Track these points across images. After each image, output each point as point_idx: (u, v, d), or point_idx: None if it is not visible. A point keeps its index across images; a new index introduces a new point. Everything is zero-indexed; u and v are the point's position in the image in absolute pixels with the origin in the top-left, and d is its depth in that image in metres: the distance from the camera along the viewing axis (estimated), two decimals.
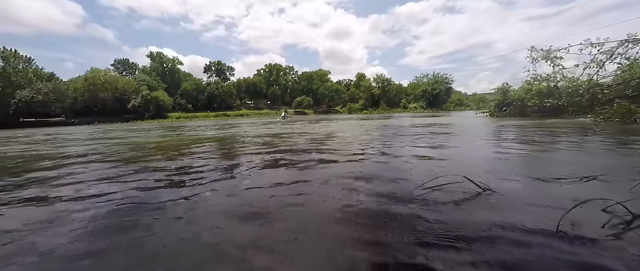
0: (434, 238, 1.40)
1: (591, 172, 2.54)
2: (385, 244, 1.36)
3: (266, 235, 1.50)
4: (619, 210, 1.61)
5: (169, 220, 1.76)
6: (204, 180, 2.81)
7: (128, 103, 41.21)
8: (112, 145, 6.77)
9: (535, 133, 6.30)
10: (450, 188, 2.20)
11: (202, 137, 8.28)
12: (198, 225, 1.67)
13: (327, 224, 1.62)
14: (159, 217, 1.81)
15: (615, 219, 1.53)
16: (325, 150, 4.71)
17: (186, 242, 1.45)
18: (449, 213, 1.72)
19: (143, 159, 4.33)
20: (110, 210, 1.99)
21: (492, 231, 1.45)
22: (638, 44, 10.91)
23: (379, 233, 1.47)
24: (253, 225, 1.64)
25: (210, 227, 1.63)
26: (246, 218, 1.74)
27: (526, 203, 1.84)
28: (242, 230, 1.58)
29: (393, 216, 1.69)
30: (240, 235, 1.51)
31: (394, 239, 1.41)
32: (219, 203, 2.09)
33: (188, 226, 1.65)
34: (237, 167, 3.52)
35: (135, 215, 1.86)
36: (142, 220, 1.76)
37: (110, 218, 1.84)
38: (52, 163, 4.38)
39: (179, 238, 1.50)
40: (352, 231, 1.51)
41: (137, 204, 2.11)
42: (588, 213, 1.62)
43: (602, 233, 1.39)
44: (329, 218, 1.70)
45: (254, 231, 1.54)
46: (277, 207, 1.93)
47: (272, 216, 1.76)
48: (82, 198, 2.33)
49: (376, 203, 1.94)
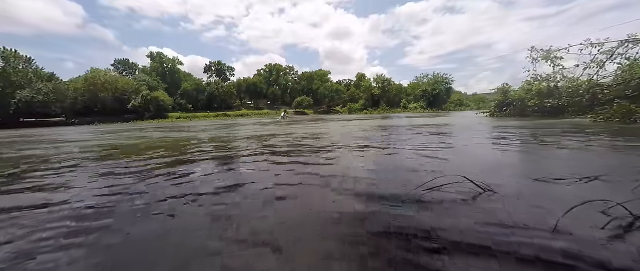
0: (434, 238, 1.39)
1: (592, 172, 2.53)
2: (385, 244, 1.35)
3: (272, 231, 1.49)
4: (620, 212, 1.60)
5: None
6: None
7: (128, 104, 41.22)
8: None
9: (536, 133, 6.29)
10: (450, 188, 2.19)
11: (178, 139, 8.27)
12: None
13: (326, 224, 1.61)
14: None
15: (616, 220, 1.52)
16: (324, 149, 4.71)
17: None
18: (449, 213, 1.71)
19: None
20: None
21: (493, 231, 1.44)
22: (638, 44, 10.91)
23: (379, 233, 1.46)
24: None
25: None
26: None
27: (527, 204, 1.83)
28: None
29: (393, 217, 1.68)
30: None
31: (393, 239, 1.40)
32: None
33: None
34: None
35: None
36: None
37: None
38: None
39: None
40: (352, 231, 1.50)
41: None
42: (588, 214, 1.61)
43: (602, 234, 1.38)
44: (326, 219, 1.69)
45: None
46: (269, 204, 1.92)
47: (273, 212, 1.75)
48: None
49: (376, 203, 1.93)
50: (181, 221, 1.73)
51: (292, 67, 69.52)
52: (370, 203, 1.94)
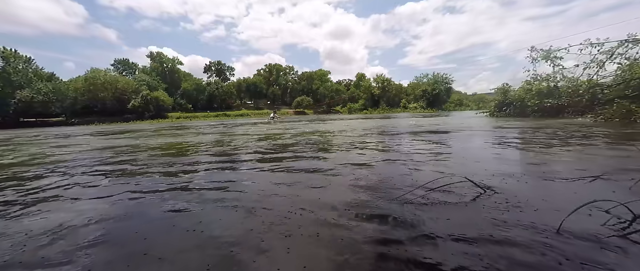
0: (434, 238, 1.39)
1: (592, 172, 2.53)
2: (385, 244, 1.35)
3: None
4: (624, 211, 1.60)
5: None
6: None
7: (128, 104, 41.15)
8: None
9: (536, 133, 6.29)
10: (450, 188, 2.18)
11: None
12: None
13: (326, 225, 1.61)
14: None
15: (620, 221, 1.52)
16: (325, 149, 4.71)
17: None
18: (450, 213, 1.71)
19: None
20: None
21: (493, 231, 1.44)
22: (638, 44, 10.90)
23: (380, 233, 1.46)
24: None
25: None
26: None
27: (527, 204, 1.82)
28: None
29: (394, 217, 1.68)
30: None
31: (394, 239, 1.40)
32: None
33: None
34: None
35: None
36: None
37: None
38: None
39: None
40: (352, 230, 1.50)
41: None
42: (593, 214, 1.60)
43: (604, 234, 1.38)
44: (328, 220, 1.69)
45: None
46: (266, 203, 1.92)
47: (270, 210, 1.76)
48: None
49: (376, 203, 1.93)
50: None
51: (292, 67, 69.61)
52: (370, 202, 1.94)
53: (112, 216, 1.88)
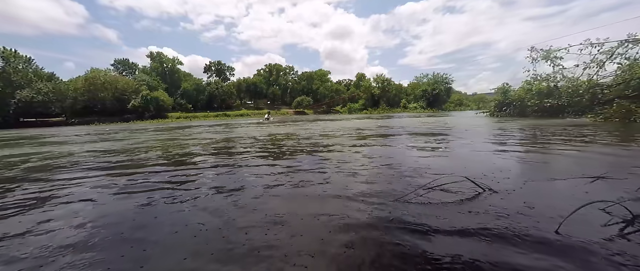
0: (435, 238, 1.40)
1: (592, 172, 2.53)
2: (386, 243, 1.36)
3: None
4: (624, 212, 1.60)
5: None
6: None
7: (128, 104, 41.12)
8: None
9: (536, 133, 6.30)
10: (451, 188, 2.19)
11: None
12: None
13: (327, 225, 1.61)
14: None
15: (617, 220, 1.53)
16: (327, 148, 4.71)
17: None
18: (450, 213, 1.71)
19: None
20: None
21: (493, 231, 1.45)
22: (638, 44, 10.92)
23: (380, 233, 1.47)
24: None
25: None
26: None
27: (527, 204, 1.83)
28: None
29: (394, 217, 1.68)
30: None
31: (395, 239, 1.40)
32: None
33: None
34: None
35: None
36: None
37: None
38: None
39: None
40: (354, 230, 1.50)
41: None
42: (590, 215, 1.61)
43: (604, 234, 1.39)
44: (330, 220, 1.69)
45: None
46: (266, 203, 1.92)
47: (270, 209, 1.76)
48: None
49: (377, 203, 1.93)
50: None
51: (292, 67, 69.50)
52: (371, 202, 1.95)
53: (107, 216, 1.89)
